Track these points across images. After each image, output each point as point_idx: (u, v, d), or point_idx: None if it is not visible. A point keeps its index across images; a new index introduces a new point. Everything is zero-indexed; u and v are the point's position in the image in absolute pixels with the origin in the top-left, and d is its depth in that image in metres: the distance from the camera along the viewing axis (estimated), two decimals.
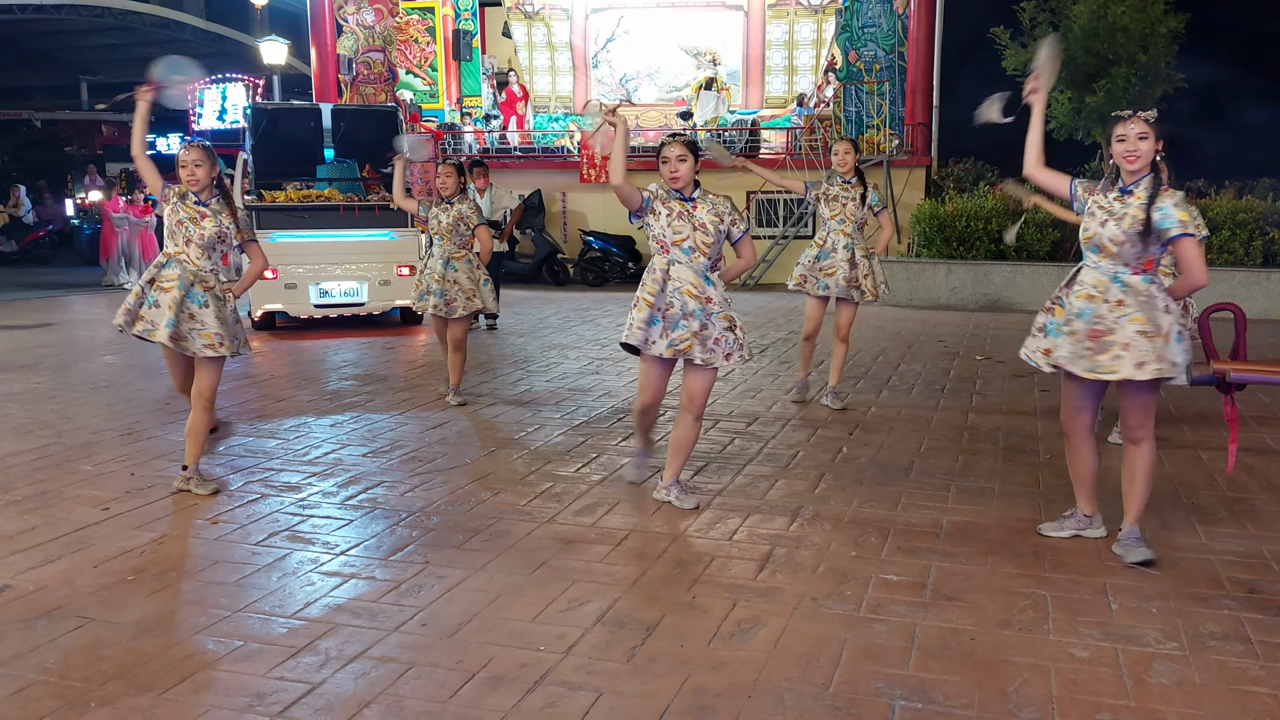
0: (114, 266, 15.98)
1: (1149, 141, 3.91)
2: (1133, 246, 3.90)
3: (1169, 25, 11.68)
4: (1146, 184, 3.92)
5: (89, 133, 25.49)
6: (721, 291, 4.75)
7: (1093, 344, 3.96)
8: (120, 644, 3.42)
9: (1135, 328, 3.89)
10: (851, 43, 15.85)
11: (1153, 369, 3.86)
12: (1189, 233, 3.81)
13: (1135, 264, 3.94)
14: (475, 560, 4.16)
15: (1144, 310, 3.90)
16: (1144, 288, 3.93)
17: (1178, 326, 3.92)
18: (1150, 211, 3.86)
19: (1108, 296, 3.95)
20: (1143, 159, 3.92)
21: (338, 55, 18.17)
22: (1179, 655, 3.30)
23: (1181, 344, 3.91)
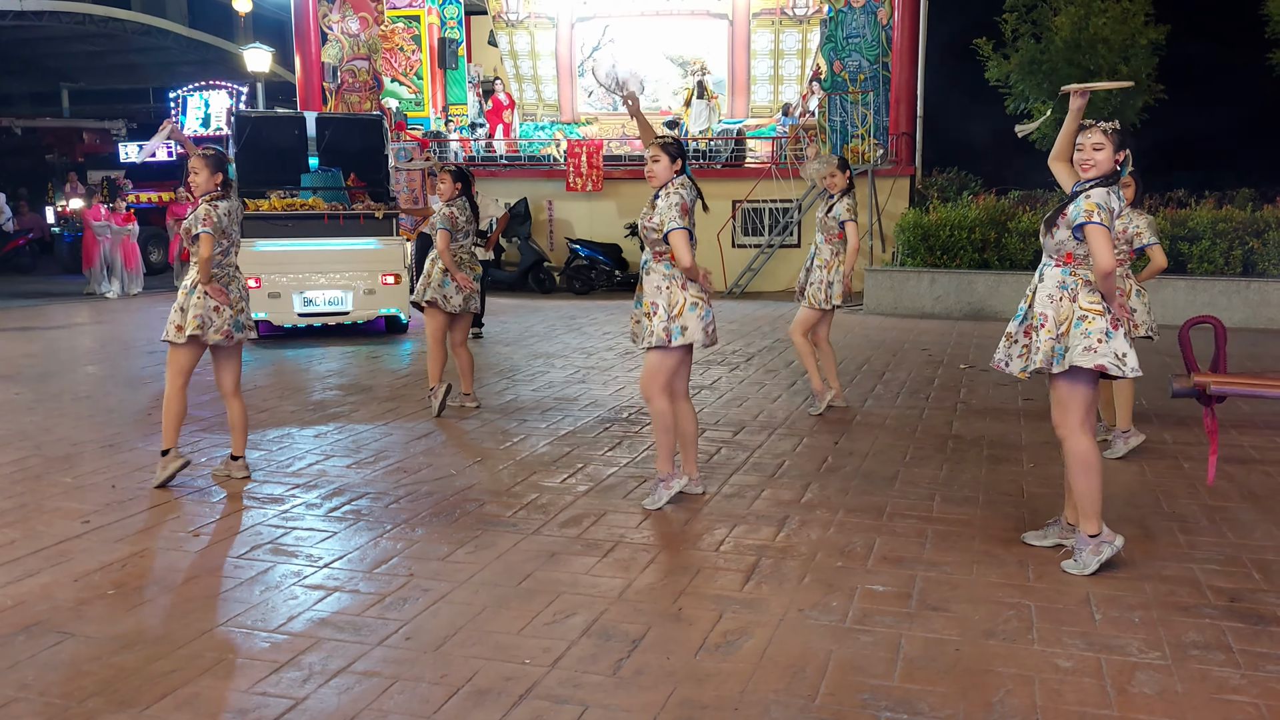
0: (96, 275, 15.87)
1: (1104, 152, 3.97)
2: (1053, 237, 4.04)
3: (1149, 36, 11.78)
4: (1092, 183, 3.99)
5: (70, 140, 25.30)
6: (654, 280, 4.89)
7: (1026, 341, 4.12)
8: (101, 659, 3.39)
9: (1037, 322, 4.06)
10: (836, 53, 15.92)
11: (1036, 361, 4.02)
12: (1092, 220, 3.87)
13: (1056, 256, 4.06)
14: (460, 573, 4.14)
15: (1043, 304, 4.04)
16: (1056, 279, 4.05)
17: (1081, 312, 3.96)
18: (1068, 203, 4.00)
19: (1036, 293, 4.11)
20: (1098, 168, 3.98)
21: (322, 63, 18.13)
22: (1161, 665, 3.31)
23: (1081, 327, 3.94)
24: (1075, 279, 4.01)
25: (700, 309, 4.88)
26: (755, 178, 15.95)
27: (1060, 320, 3.99)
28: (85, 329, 12.09)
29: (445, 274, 6.97)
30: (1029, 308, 4.12)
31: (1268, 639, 3.49)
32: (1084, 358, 3.92)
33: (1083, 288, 3.99)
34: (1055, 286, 4.04)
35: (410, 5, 18.55)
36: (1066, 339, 3.97)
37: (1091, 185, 3.96)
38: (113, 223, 15.86)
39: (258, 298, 10.35)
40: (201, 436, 6.47)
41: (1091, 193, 3.93)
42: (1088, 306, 3.96)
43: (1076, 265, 4.01)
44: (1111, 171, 3.98)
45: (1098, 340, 3.92)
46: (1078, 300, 3.98)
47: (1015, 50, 12.26)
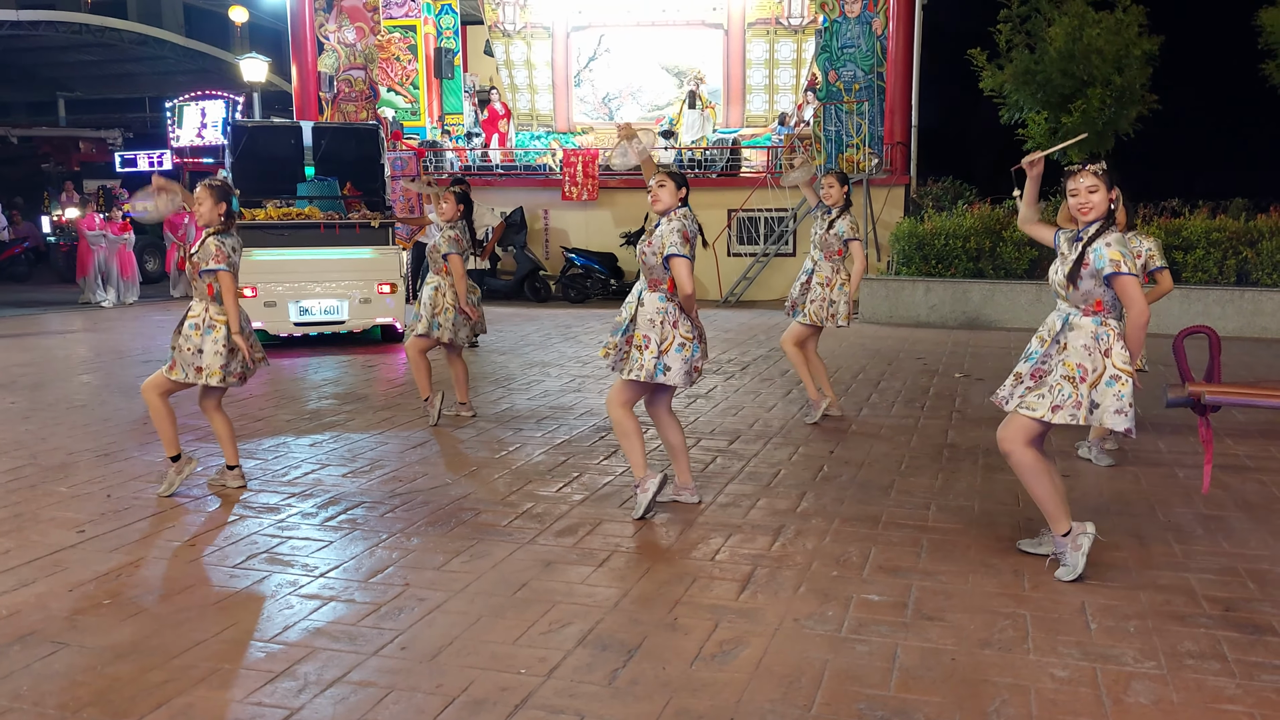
0: (90, 284, 15.86)
1: (1100, 194, 3.97)
2: (1077, 288, 3.98)
3: (1143, 47, 11.82)
4: (1095, 228, 3.98)
5: (66, 149, 25.31)
6: (648, 312, 4.83)
7: (1033, 383, 4.07)
8: (95, 669, 3.38)
9: (1063, 371, 3.99)
10: (831, 63, 15.98)
11: (1066, 415, 3.95)
12: (1121, 271, 3.87)
13: (1085, 305, 4.01)
14: (456, 582, 4.14)
15: (1080, 355, 3.97)
16: (1090, 329, 3.99)
17: (1114, 371, 3.93)
18: (1086, 251, 3.95)
19: (1058, 338, 4.05)
20: (1095, 210, 3.98)
21: (319, 73, 18.16)
22: (1157, 674, 3.32)
23: (1114, 388, 3.93)
24: (1108, 329, 3.98)
25: (687, 349, 4.82)
26: (750, 187, 15.98)
27: (1093, 371, 3.95)
28: (80, 338, 12.08)
29: (456, 309, 6.93)
30: (1051, 353, 4.05)
31: (1263, 648, 3.50)
32: (1117, 420, 3.93)
33: (1115, 342, 3.97)
34: (1090, 338, 3.97)
35: (406, 15, 18.61)
36: (1094, 392, 3.95)
37: (1099, 231, 3.96)
38: (108, 232, 15.86)
39: (254, 307, 10.35)
40: (198, 446, 6.46)
41: (1110, 239, 3.92)
42: (1121, 367, 3.94)
43: (1106, 314, 4.00)
44: (1108, 212, 3.98)
45: (1129, 404, 3.94)
46: (1111, 357, 3.95)
47: (1009, 61, 12.30)
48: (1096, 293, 3.98)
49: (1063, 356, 4.02)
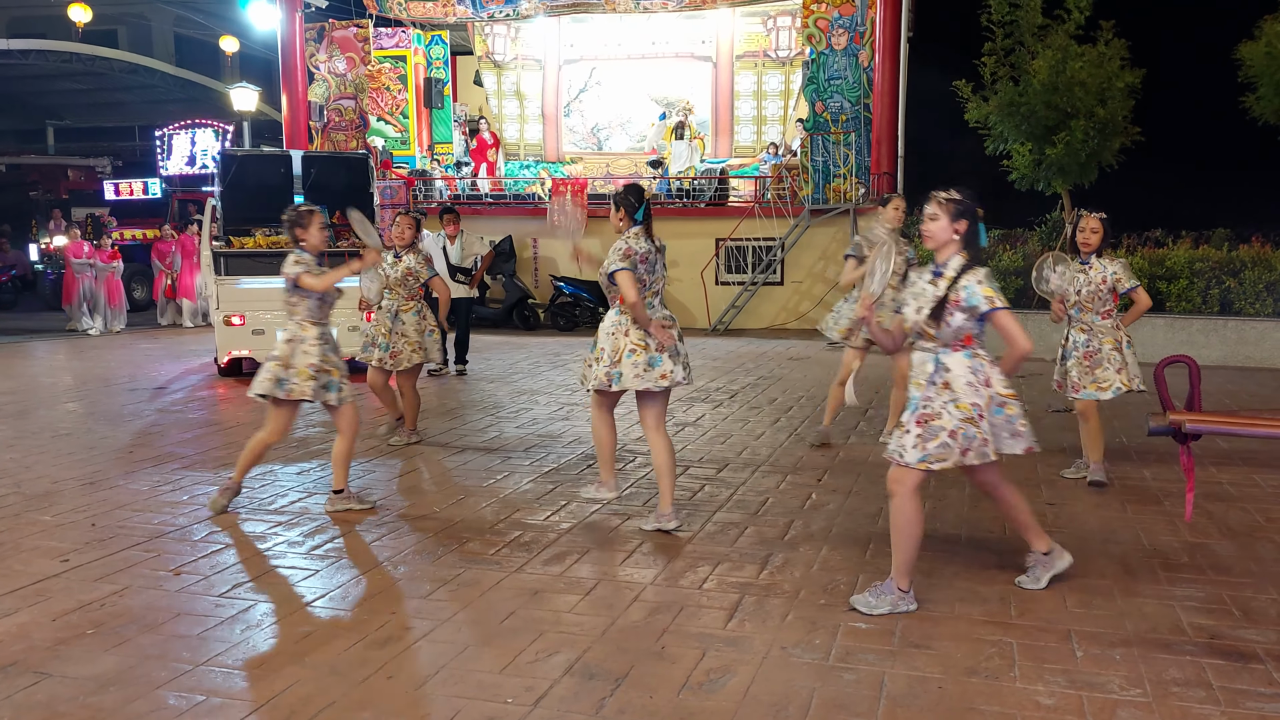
0: (75, 312, 15.81)
1: (939, 222, 3.96)
2: (948, 326, 3.93)
3: (1125, 80, 11.97)
4: (956, 264, 3.96)
5: (55, 177, 25.29)
6: (606, 325, 5.18)
7: (920, 430, 3.95)
8: (78, 700, 3.36)
9: (960, 415, 3.91)
10: (818, 94, 16.14)
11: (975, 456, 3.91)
12: (997, 306, 3.87)
13: (954, 341, 3.97)
14: (442, 611, 4.12)
15: (970, 394, 3.92)
16: (966, 364, 3.96)
17: (1000, 399, 3.95)
18: (951, 291, 3.91)
19: (933, 380, 3.98)
20: (934, 239, 3.99)
21: (309, 102, 18.23)
22: (1142, 702, 3.33)
23: (1003, 414, 3.94)
24: (980, 360, 3.97)
25: (638, 355, 5.02)
26: (739, 216, 16.07)
27: (984, 406, 3.93)
28: (66, 366, 12.03)
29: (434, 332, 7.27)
30: (932, 396, 3.95)
31: (1248, 676, 3.51)
32: (1015, 444, 3.94)
33: (991, 369, 3.98)
34: (969, 373, 3.94)
35: (397, 45, 18.73)
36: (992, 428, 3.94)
37: (965, 268, 3.92)
38: (97, 260, 15.84)
39: (242, 335, 10.34)
40: (183, 474, 6.44)
41: (980, 277, 3.90)
42: (1005, 393, 3.97)
43: (976, 346, 3.98)
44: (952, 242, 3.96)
45: (1020, 425, 3.98)
46: (993, 385, 3.96)
47: (994, 92, 12.43)
48: (967, 328, 3.94)
49: (953, 398, 3.92)
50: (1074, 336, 5.96)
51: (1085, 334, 5.90)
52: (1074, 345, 5.95)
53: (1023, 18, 12.31)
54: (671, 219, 16.49)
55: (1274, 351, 11.36)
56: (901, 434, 4.03)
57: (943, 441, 3.91)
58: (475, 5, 17.40)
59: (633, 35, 18.79)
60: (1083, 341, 5.89)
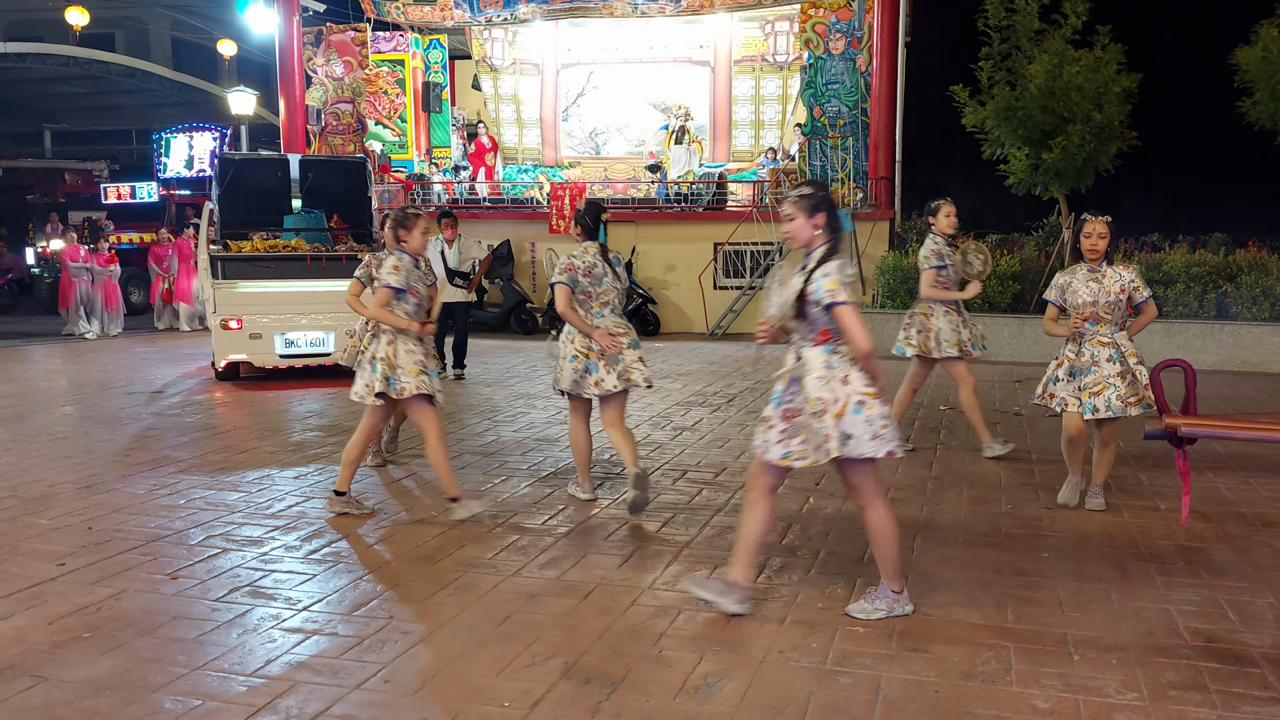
0: (72, 316, 15.80)
1: (797, 221, 3.92)
2: (804, 319, 3.89)
3: (1122, 85, 11.99)
4: (817, 255, 3.91)
5: (52, 181, 25.28)
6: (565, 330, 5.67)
7: (784, 425, 3.92)
8: (74, 704, 3.35)
9: (809, 410, 3.87)
10: (816, 99, 16.17)
11: (824, 451, 3.83)
12: (838, 300, 3.79)
13: (812, 335, 3.91)
14: (439, 615, 4.12)
15: (817, 389, 3.85)
16: (821, 359, 3.89)
17: (859, 397, 3.84)
18: (806, 283, 3.86)
19: (795, 374, 3.94)
20: (797, 238, 3.95)
21: (306, 106, 18.25)
22: (1139, 705, 3.33)
23: (861, 414, 3.81)
24: (839, 357, 3.88)
25: (578, 361, 5.55)
26: (737, 220, 16.10)
27: (835, 402, 3.84)
28: (63, 369, 12.02)
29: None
30: (792, 392, 3.93)
31: (1244, 679, 3.52)
32: (874, 446, 3.82)
33: (851, 368, 3.87)
34: (823, 368, 3.87)
35: (395, 49, 18.76)
36: (841, 423, 3.83)
37: (820, 261, 3.88)
38: (94, 264, 15.83)
39: (239, 339, 10.34)
40: (180, 478, 6.44)
41: (828, 269, 3.84)
42: (865, 391, 3.84)
43: (835, 343, 3.89)
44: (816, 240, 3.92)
45: (882, 426, 3.84)
46: (851, 384, 3.85)
47: (991, 97, 12.45)
48: (823, 322, 3.87)
49: (805, 394, 3.88)
50: (1092, 352, 5.42)
51: (1107, 347, 5.39)
52: (1092, 361, 5.41)
53: (1019, 22, 12.33)
54: (670, 223, 16.51)
55: (1270, 356, 11.39)
56: (766, 429, 3.99)
57: (804, 438, 3.89)
58: (473, 9, 17.43)
59: (630, 40, 18.83)
60: (1105, 357, 5.37)
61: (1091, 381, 5.38)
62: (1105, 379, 5.33)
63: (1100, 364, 5.37)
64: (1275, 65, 11.74)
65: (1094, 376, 5.38)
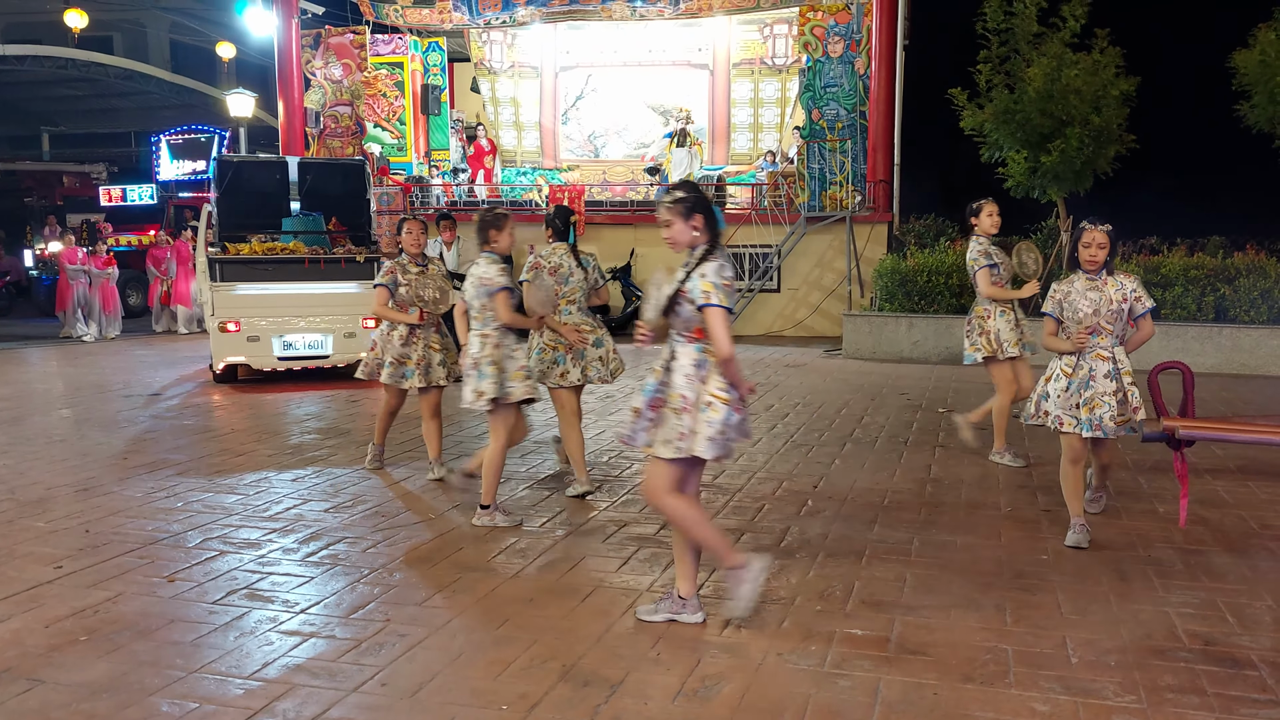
0: (70, 318, 15.78)
1: (675, 227, 3.92)
2: (677, 315, 3.91)
3: (1120, 88, 12.00)
4: (697, 254, 3.93)
5: (49, 183, 25.28)
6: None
7: (654, 415, 3.95)
8: (71, 707, 3.34)
9: (672, 404, 3.90)
10: (814, 101, 16.18)
11: (673, 449, 3.85)
12: (710, 302, 3.81)
13: (687, 332, 3.93)
14: (437, 618, 4.12)
15: (682, 385, 3.89)
16: (692, 356, 3.92)
17: (709, 398, 3.86)
18: (684, 282, 3.88)
19: (669, 368, 3.96)
20: (677, 242, 3.96)
21: (305, 108, 18.25)
22: (1137, 708, 3.33)
23: (706, 414, 3.84)
24: (708, 357, 3.91)
25: (545, 354, 6.06)
26: (735, 223, 16.09)
27: (692, 401, 3.87)
28: (60, 372, 12.01)
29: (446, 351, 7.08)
30: (664, 385, 3.95)
31: (1242, 682, 3.51)
32: (708, 447, 3.83)
33: (714, 370, 3.90)
34: (692, 365, 3.90)
35: (394, 52, 18.76)
36: (694, 421, 3.86)
37: (700, 260, 3.89)
38: (92, 266, 15.82)
39: (237, 341, 10.33)
40: (177, 481, 6.43)
41: (706, 269, 3.85)
42: (715, 394, 3.86)
43: (707, 342, 3.91)
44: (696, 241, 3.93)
45: (719, 430, 3.85)
46: (708, 384, 3.88)
47: (989, 100, 12.46)
48: (696, 320, 3.89)
49: (671, 388, 3.92)
50: (1090, 365, 5.01)
51: (1106, 362, 4.99)
52: (1090, 375, 5.01)
53: (1018, 25, 12.35)
54: None
55: (1268, 359, 11.40)
56: (635, 418, 4.01)
57: (662, 430, 3.92)
58: (471, 12, 17.43)
59: (629, 42, 18.83)
60: (1104, 372, 4.98)
61: (1089, 397, 4.99)
62: (1100, 395, 4.96)
63: (1098, 379, 4.98)
64: (1273, 69, 11.75)
65: (1091, 392, 4.99)
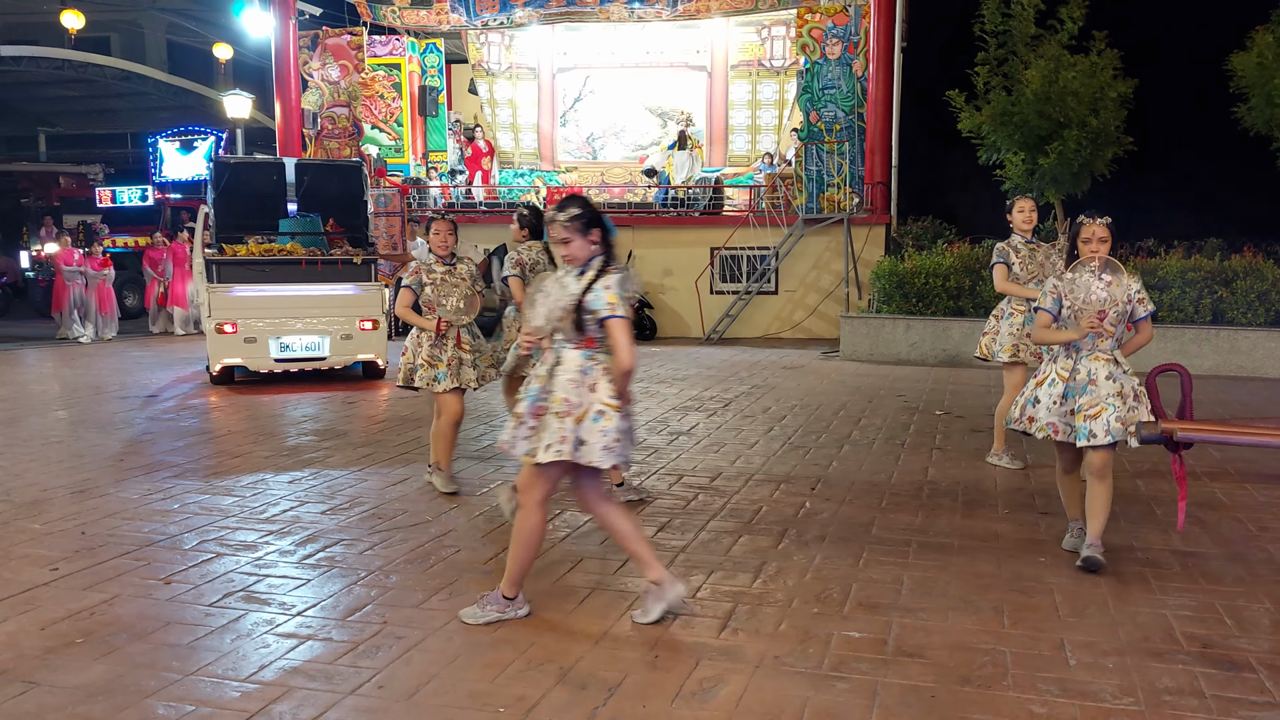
0: (66, 320, 15.75)
1: (574, 243, 3.91)
2: (570, 325, 3.92)
3: (1118, 90, 12.03)
4: (595, 265, 3.95)
5: (46, 184, 25.23)
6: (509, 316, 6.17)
7: (535, 423, 3.97)
8: (66, 709, 3.33)
9: (553, 409, 3.91)
10: (812, 103, 16.19)
11: (553, 452, 3.86)
12: (615, 314, 3.84)
13: (577, 340, 3.95)
14: (434, 620, 4.11)
15: (566, 390, 3.91)
16: (578, 363, 3.94)
17: (600, 406, 3.89)
18: (586, 292, 3.89)
19: (552, 372, 3.98)
20: (575, 258, 3.94)
21: (302, 110, 18.24)
22: (1135, 710, 3.32)
23: (599, 423, 3.87)
24: (595, 364, 3.93)
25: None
26: (733, 225, 16.11)
27: (579, 406, 3.90)
28: (57, 373, 11.98)
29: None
30: (546, 391, 3.96)
31: (1240, 684, 3.51)
32: (605, 457, 3.85)
33: (603, 376, 3.93)
34: (577, 372, 3.92)
35: (391, 53, 18.76)
36: (580, 428, 3.89)
37: (600, 272, 3.91)
38: (88, 267, 15.79)
39: (234, 343, 10.32)
40: (174, 483, 6.41)
41: (609, 282, 3.89)
42: (608, 402, 3.90)
43: (596, 349, 3.95)
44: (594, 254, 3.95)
45: (615, 439, 3.89)
46: (597, 391, 3.91)
47: (987, 102, 12.48)
48: (592, 331, 3.92)
49: (554, 393, 3.94)
50: (1089, 368, 4.66)
51: (1107, 364, 4.66)
52: (1089, 379, 4.64)
53: (1016, 27, 12.37)
54: (666, 228, 16.52)
55: (1266, 361, 11.41)
56: (517, 425, 4.02)
57: (544, 436, 3.93)
58: (469, 13, 17.43)
59: (627, 44, 18.84)
60: (1105, 374, 4.63)
61: (1088, 403, 4.60)
62: (1104, 399, 4.57)
63: (1099, 382, 4.61)
64: (1270, 71, 11.77)
65: (1090, 397, 4.60)
